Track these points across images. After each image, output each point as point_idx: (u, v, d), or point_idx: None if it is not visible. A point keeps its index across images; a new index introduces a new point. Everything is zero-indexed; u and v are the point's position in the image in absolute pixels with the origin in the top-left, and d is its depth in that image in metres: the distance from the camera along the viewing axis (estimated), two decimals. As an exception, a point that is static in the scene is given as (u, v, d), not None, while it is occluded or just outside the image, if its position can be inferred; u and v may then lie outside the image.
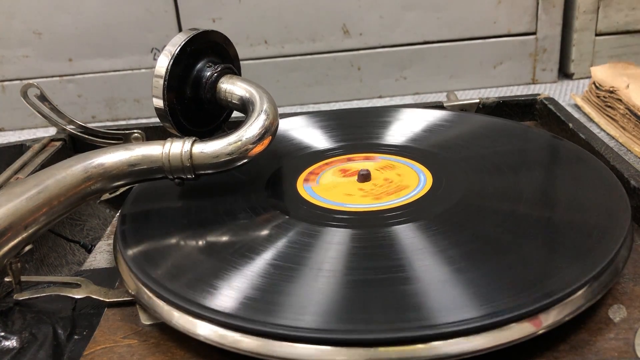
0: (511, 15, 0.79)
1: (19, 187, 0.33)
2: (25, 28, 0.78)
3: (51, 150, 0.53)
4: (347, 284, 0.30)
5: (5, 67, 0.80)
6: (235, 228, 0.36)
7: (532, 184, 0.39)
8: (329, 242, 0.33)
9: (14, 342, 0.32)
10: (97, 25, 0.78)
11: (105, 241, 0.43)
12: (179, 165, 0.37)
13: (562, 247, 0.32)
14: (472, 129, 0.49)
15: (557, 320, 0.27)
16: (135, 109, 0.82)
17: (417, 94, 0.83)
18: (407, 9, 0.79)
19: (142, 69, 0.80)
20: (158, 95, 0.39)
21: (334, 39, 0.80)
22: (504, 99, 0.58)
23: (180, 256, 0.34)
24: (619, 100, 0.61)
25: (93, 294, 0.34)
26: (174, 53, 0.39)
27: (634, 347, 0.27)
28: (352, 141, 0.48)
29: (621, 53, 0.81)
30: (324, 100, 0.83)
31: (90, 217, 0.50)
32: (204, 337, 0.28)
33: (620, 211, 0.34)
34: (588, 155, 0.42)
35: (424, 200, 0.37)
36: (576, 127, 0.49)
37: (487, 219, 0.35)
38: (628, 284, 0.32)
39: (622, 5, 0.79)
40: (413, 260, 0.31)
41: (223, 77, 0.41)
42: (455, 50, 0.81)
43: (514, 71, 0.82)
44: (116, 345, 0.30)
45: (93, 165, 0.36)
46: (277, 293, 0.29)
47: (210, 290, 0.30)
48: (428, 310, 0.27)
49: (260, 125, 0.37)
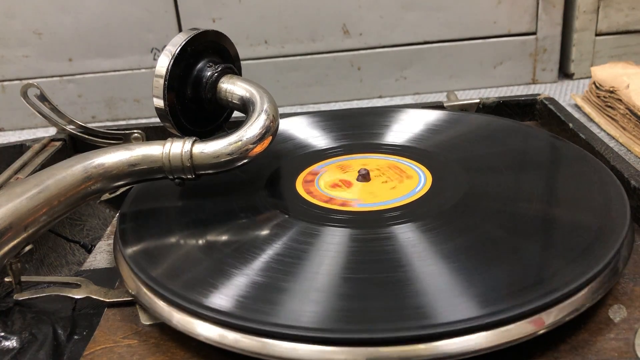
0: (511, 15, 0.79)
1: (19, 187, 0.33)
2: (25, 28, 0.78)
3: (51, 150, 0.53)
4: (347, 283, 0.30)
5: (5, 67, 0.80)
6: (235, 227, 0.36)
7: (532, 184, 0.39)
8: (328, 241, 0.33)
9: (14, 342, 0.32)
10: (97, 25, 0.78)
11: (105, 241, 0.43)
12: (179, 166, 0.37)
13: (563, 247, 0.31)
14: (472, 129, 0.49)
15: (558, 320, 0.27)
16: (135, 109, 0.82)
17: (417, 94, 0.83)
18: (407, 9, 0.79)
19: (142, 69, 0.80)
20: (158, 95, 0.39)
21: (334, 39, 0.80)
22: (504, 99, 0.58)
23: (180, 256, 0.34)
24: (619, 100, 0.61)
25: (93, 294, 0.34)
26: (174, 53, 0.39)
27: (634, 347, 0.27)
28: (352, 141, 0.48)
29: (621, 53, 0.81)
30: (324, 100, 0.83)
31: (90, 217, 0.50)
32: (204, 337, 0.28)
33: (620, 211, 0.34)
34: (588, 156, 0.42)
35: (423, 200, 0.37)
36: (576, 127, 0.49)
37: (487, 219, 0.35)
38: (628, 284, 0.32)
39: (622, 5, 0.79)
40: (413, 260, 0.31)
41: (223, 77, 0.41)
42: (455, 50, 0.81)
43: (514, 71, 0.82)
44: (116, 345, 0.30)
45: (93, 165, 0.36)
46: (277, 292, 0.29)
47: (210, 290, 0.30)
48: (428, 309, 0.27)
49: (260, 125, 0.37)
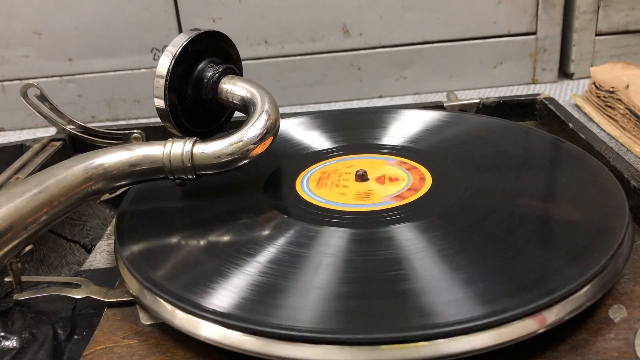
0: (511, 15, 0.79)
1: (20, 187, 0.33)
2: (25, 28, 0.78)
3: (51, 150, 0.53)
4: (347, 283, 0.30)
5: (5, 67, 0.80)
6: (234, 228, 0.36)
7: (532, 183, 0.39)
8: (328, 242, 0.33)
9: (14, 342, 0.32)
10: (97, 25, 0.78)
11: (105, 241, 0.43)
12: (179, 166, 0.37)
13: (562, 246, 0.32)
14: (472, 129, 0.49)
15: (558, 319, 0.27)
16: (135, 109, 0.82)
17: (417, 94, 0.83)
18: (407, 9, 0.79)
19: (142, 69, 0.80)
20: (159, 96, 0.39)
21: (334, 39, 0.80)
22: (504, 99, 0.58)
23: (180, 256, 0.34)
24: (619, 100, 0.61)
25: (93, 294, 0.34)
26: (175, 53, 0.39)
27: (634, 347, 0.27)
28: (351, 141, 0.48)
29: (621, 53, 0.81)
30: (324, 100, 0.83)
31: (90, 217, 0.50)
32: (204, 337, 0.28)
33: (620, 211, 0.34)
34: (588, 156, 0.42)
35: (423, 200, 0.37)
36: (576, 127, 0.49)
37: (487, 219, 0.35)
38: (628, 284, 0.32)
39: (622, 5, 0.79)
40: (413, 260, 0.31)
41: (224, 78, 0.41)
42: (455, 50, 0.81)
43: (514, 71, 0.82)
44: (116, 345, 0.30)
45: (94, 165, 0.36)
46: (277, 293, 0.29)
47: (210, 290, 0.30)
48: (428, 309, 0.27)
49: (261, 126, 0.37)
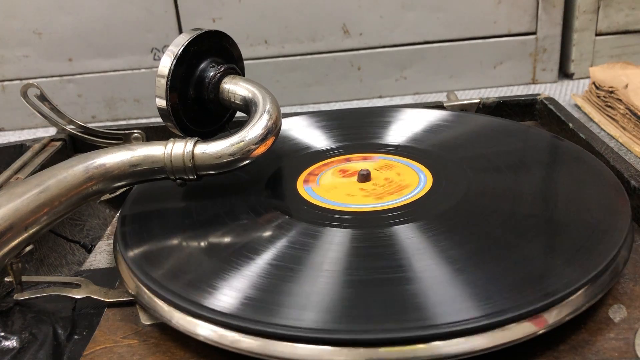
0: (511, 15, 0.79)
1: (20, 188, 0.33)
2: (25, 28, 0.78)
3: (51, 150, 0.53)
4: (348, 284, 0.30)
5: (5, 67, 0.80)
6: (235, 228, 0.36)
7: (532, 184, 0.39)
8: (329, 242, 0.33)
9: (14, 342, 0.32)
10: (97, 25, 0.78)
11: (105, 241, 0.43)
12: (180, 166, 0.37)
13: (562, 247, 0.32)
14: (472, 129, 0.49)
15: (558, 320, 0.27)
16: (135, 109, 0.82)
17: (417, 94, 0.83)
18: (407, 9, 0.79)
19: (142, 69, 0.80)
20: (161, 96, 0.39)
21: (334, 39, 0.80)
22: (504, 99, 0.58)
23: (180, 256, 0.34)
24: (618, 100, 0.61)
25: (93, 294, 0.34)
26: (177, 53, 0.39)
27: (634, 347, 0.27)
28: (352, 141, 0.48)
29: (621, 53, 0.81)
30: (324, 100, 0.83)
31: (90, 217, 0.50)
32: (204, 337, 0.28)
33: (620, 211, 0.34)
34: (588, 155, 0.42)
35: (424, 200, 0.37)
36: (576, 127, 0.49)
37: (487, 219, 0.35)
38: (628, 284, 0.32)
39: (622, 5, 0.79)
40: (413, 261, 0.31)
41: (226, 78, 0.41)
42: (455, 50, 0.81)
43: (514, 71, 0.82)
44: (116, 345, 0.30)
45: (94, 165, 0.36)
46: (278, 293, 0.29)
47: (210, 291, 0.30)
48: (428, 310, 0.27)
49: (263, 126, 0.37)
